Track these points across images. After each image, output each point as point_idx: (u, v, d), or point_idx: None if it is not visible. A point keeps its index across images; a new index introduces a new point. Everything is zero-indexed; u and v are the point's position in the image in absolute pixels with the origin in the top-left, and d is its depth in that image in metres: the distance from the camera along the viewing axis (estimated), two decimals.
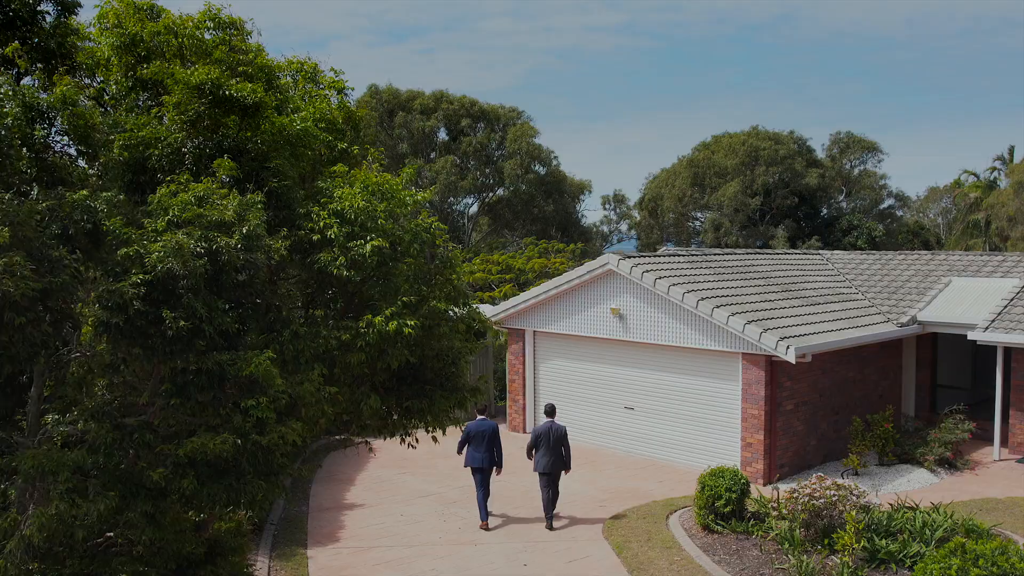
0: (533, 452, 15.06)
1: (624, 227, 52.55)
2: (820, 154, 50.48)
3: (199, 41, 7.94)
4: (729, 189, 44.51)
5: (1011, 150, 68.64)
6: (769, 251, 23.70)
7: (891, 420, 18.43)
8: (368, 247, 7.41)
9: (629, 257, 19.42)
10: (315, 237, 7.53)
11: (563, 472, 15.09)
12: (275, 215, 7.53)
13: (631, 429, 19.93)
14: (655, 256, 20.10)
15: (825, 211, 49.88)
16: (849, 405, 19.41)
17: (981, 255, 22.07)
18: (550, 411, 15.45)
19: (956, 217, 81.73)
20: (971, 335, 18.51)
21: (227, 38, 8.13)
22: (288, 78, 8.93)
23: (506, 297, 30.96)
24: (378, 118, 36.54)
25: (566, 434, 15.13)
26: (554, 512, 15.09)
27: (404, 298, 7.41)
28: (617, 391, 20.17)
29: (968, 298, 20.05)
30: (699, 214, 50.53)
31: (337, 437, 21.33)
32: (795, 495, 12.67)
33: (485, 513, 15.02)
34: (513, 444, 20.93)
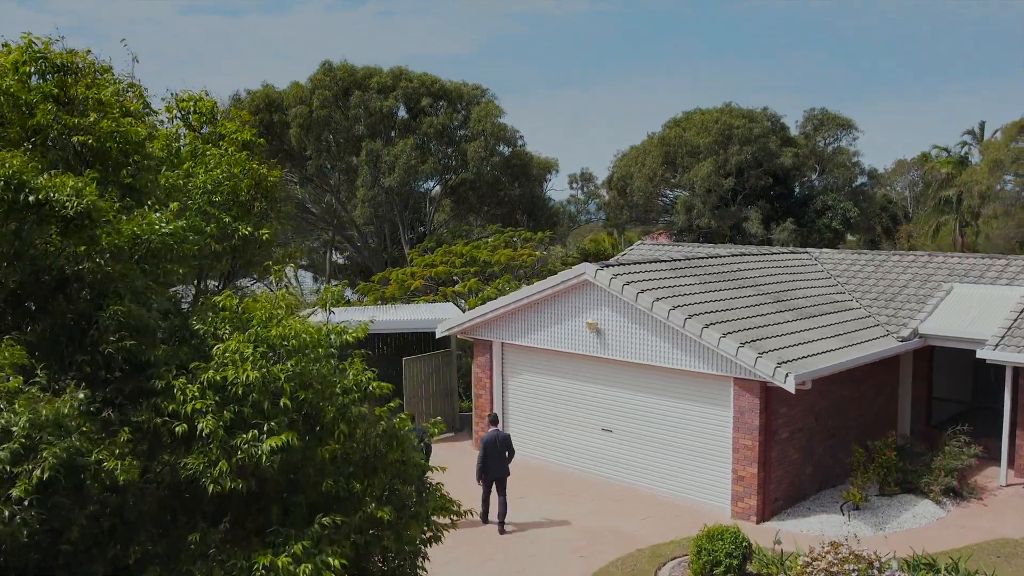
0: (484, 463, 15.59)
1: (592, 207, 50.69)
2: (794, 131, 48.89)
3: (12, 97, 5.49)
4: (702, 169, 42.77)
5: (982, 125, 67.69)
6: (756, 251, 22.02)
7: (893, 447, 16.89)
8: (265, 446, 5.10)
9: (607, 266, 17.59)
10: (179, 428, 5.17)
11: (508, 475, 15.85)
12: (117, 388, 5.27)
13: (609, 453, 18.21)
14: (635, 264, 18.29)
15: (798, 189, 48.39)
16: (845, 426, 17.84)
17: (983, 258, 20.52)
18: (494, 420, 16.27)
19: (923, 191, 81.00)
20: (980, 353, 16.96)
21: (53, 90, 5.78)
22: (177, 118, 6.75)
23: (470, 292, 29.08)
24: (332, 97, 34.14)
25: (510, 440, 16.02)
26: (506, 518, 15.73)
27: (325, 519, 5.16)
28: (594, 411, 18.42)
29: (972, 308, 18.49)
30: (670, 192, 48.80)
31: None
32: (809, 570, 11.00)
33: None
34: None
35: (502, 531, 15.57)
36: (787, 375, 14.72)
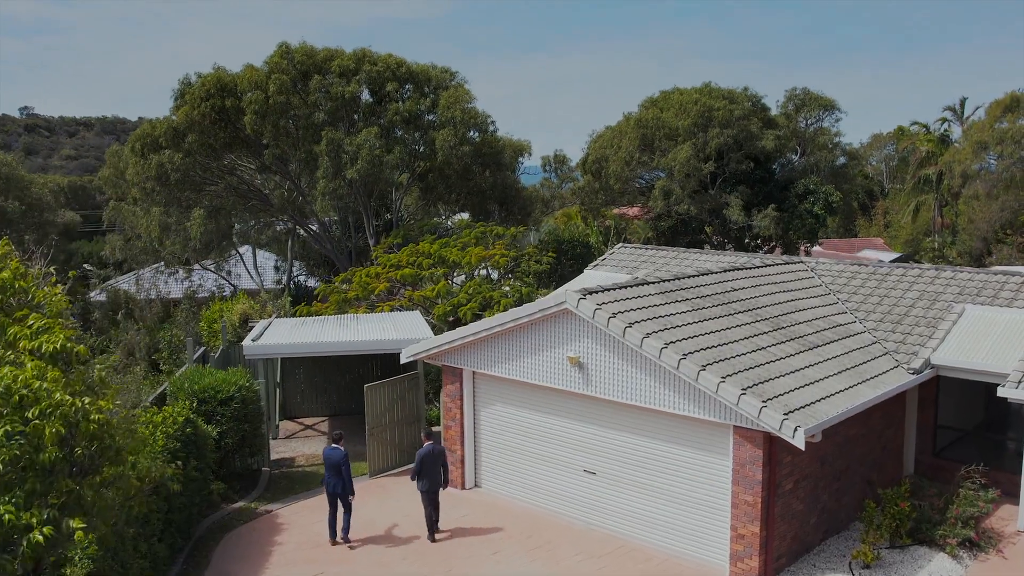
0: (419, 475, 16.07)
1: (566, 189, 48.65)
2: (775, 111, 47.11)
3: None
4: (681, 153, 40.90)
5: (963, 101, 66.39)
6: (749, 264, 20.22)
7: (906, 496, 15.32)
8: None
9: (591, 294, 15.73)
10: None
11: (441, 488, 16.36)
12: None
13: (592, 498, 16.52)
14: (621, 289, 16.44)
15: (778, 169, 46.75)
16: (851, 466, 16.26)
17: (995, 274, 18.90)
18: (430, 435, 16.64)
19: (900, 166, 79.87)
20: (1002, 391, 15.37)
21: None
22: None
23: (439, 296, 27.19)
24: (290, 82, 31.74)
25: (443, 453, 16.56)
26: (437, 527, 16.29)
27: None
28: (575, 451, 16.69)
29: (989, 335, 16.90)
30: (647, 175, 46.94)
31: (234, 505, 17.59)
32: None
33: (333, 532, 15.99)
34: (446, 501, 17.48)
35: (433, 539, 16.13)
36: (796, 429, 13.02)
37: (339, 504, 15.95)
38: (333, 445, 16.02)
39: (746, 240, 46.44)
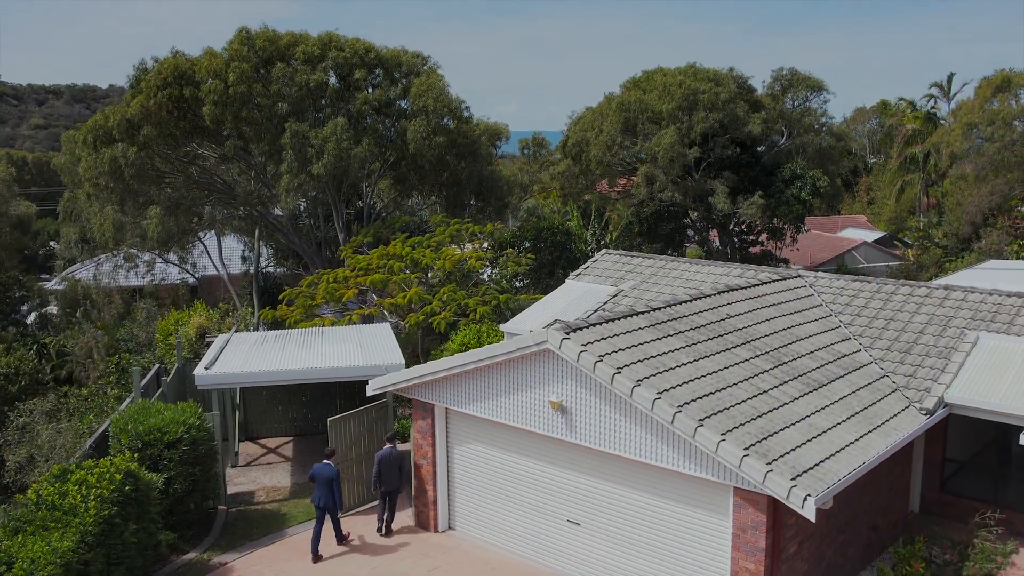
0: (379, 477, 16.73)
1: (545, 174, 46.86)
2: (761, 91, 45.52)
3: None
4: (665, 138, 39.30)
5: (950, 78, 64.93)
6: (744, 284, 18.69)
7: (921, 557, 14.03)
8: None
9: (575, 331, 14.20)
10: None
11: (400, 489, 17.05)
12: None
13: (575, 549, 15.13)
14: (607, 323, 14.90)
15: (764, 153, 45.25)
16: (858, 516, 14.94)
17: (1009, 296, 17.49)
18: (391, 438, 17.15)
19: (883, 140, 78.58)
20: None
21: None
22: None
23: (411, 303, 25.61)
24: (251, 71, 29.73)
25: (401, 456, 17.04)
26: (392, 524, 17.06)
27: None
28: (558, 498, 15.27)
29: (1008, 368, 15.54)
30: (629, 159, 45.31)
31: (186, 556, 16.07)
32: None
33: (316, 548, 16.13)
34: (419, 544, 16.11)
35: (389, 532, 16.90)
36: (806, 499, 11.62)
37: (326, 519, 16.31)
38: (325, 461, 16.36)
39: (731, 226, 45.06)
